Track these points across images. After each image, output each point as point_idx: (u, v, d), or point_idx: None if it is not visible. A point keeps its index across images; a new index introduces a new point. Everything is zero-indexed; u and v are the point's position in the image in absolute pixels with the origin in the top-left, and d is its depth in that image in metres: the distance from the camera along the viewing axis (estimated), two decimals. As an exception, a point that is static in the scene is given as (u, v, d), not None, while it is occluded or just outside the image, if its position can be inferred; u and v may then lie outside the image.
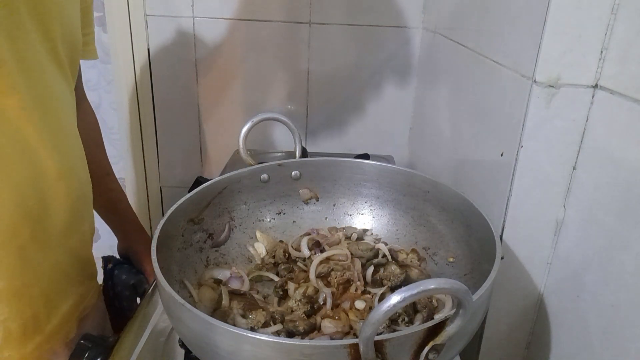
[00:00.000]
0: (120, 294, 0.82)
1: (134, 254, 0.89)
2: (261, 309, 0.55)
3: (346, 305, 0.56)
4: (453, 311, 0.38)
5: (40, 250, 0.59)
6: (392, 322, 0.52)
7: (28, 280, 0.58)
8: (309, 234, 0.69)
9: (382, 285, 0.59)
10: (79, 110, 0.67)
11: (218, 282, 0.61)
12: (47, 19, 0.56)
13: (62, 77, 0.61)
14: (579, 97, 0.52)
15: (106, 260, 0.88)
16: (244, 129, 0.69)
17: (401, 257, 0.65)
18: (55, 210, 0.60)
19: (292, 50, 1.11)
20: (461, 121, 0.78)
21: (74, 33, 0.63)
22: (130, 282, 0.84)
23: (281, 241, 0.69)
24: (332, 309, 0.56)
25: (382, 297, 0.56)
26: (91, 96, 1.28)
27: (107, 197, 0.87)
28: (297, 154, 0.73)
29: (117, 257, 0.91)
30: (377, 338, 0.37)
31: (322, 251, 0.65)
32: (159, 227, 0.54)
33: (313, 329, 0.53)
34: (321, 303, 0.57)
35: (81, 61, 0.69)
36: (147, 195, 1.27)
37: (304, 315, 0.54)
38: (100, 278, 0.82)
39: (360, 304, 0.56)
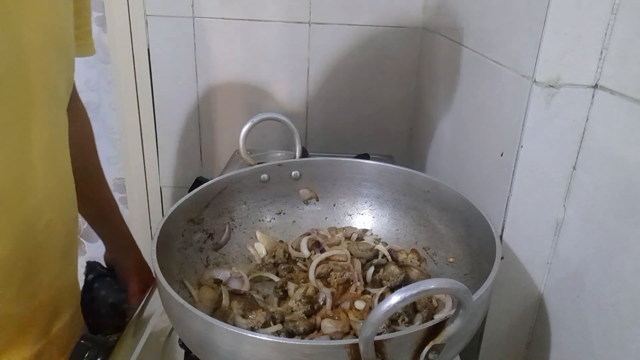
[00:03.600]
0: (97, 311, 0.76)
1: (121, 269, 0.85)
2: (261, 309, 0.55)
3: (346, 305, 0.56)
4: (453, 311, 0.38)
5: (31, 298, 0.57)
6: (392, 322, 0.52)
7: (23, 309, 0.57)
8: (309, 234, 0.69)
9: (382, 286, 0.59)
10: (70, 110, 0.62)
11: (218, 282, 0.61)
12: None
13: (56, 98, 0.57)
14: (579, 97, 0.52)
15: (89, 267, 0.82)
16: (244, 129, 0.69)
17: (401, 257, 0.65)
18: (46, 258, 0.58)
19: (292, 50, 1.11)
20: (461, 121, 0.78)
21: (64, 33, 0.58)
22: (108, 299, 0.78)
23: (281, 241, 0.69)
24: (332, 309, 0.56)
25: (382, 297, 0.56)
26: (91, 96, 1.29)
27: (97, 206, 0.82)
28: (297, 154, 0.73)
29: (103, 264, 0.86)
30: (377, 338, 0.37)
31: (322, 251, 0.65)
32: (159, 227, 0.54)
33: (313, 329, 0.53)
34: (321, 303, 0.57)
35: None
36: (147, 195, 1.27)
37: (304, 315, 0.54)
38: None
39: (360, 304, 0.56)
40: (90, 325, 0.72)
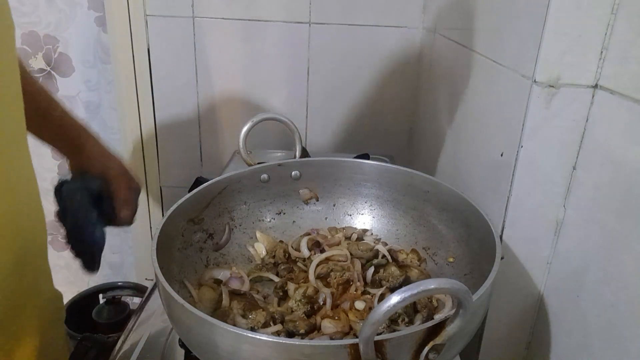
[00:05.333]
0: (71, 207, 0.62)
1: (97, 171, 0.67)
2: (261, 309, 0.55)
3: (346, 305, 0.56)
4: (453, 311, 0.38)
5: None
6: (392, 322, 0.52)
7: None
8: (309, 234, 0.69)
9: (382, 286, 0.59)
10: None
11: (218, 282, 0.61)
12: None
13: None
14: (579, 97, 0.52)
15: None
16: (244, 129, 0.69)
17: (401, 257, 0.65)
18: None
19: (292, 50, 1.11)
20: (461, 121, 0.78)
21: None
22: (86, 193, 0.63)
23: (281, 241, 0.69)
24: (332, 309, 0.56)
25: (381, 298, 0.56)
26: (91, 96, 1.29)
27: (35, 106, 0.61)
28: (297, 154, 0.73)
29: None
30: (377, 338, 0.37)
31: (322, 251, 0.65)
32: (159, 227, 0.54)
33: (313, 329, 0.53)
34: (321, 303, 0.57)
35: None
36: (147, 195, 1.27)
37: (303, 315, 0.54)
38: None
39: (360, 305, 0.56)
40: (72, 234, 0.61)
